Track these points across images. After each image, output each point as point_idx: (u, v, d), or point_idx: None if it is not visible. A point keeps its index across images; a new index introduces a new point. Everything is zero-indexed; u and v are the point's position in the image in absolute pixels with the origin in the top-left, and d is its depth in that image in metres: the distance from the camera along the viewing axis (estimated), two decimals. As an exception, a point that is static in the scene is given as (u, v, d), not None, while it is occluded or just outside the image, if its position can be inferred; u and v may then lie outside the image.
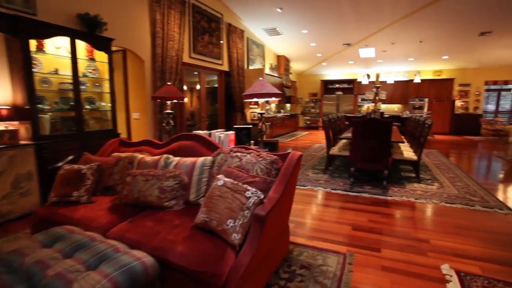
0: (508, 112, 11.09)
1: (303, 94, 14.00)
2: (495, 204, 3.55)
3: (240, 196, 1.75)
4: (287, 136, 10.59)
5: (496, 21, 7.32)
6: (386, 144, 3.70)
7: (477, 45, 8.90)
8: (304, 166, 5.54)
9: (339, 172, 5.03)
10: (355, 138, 3.87)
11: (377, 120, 3.58)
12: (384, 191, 3.93)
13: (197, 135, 2.59)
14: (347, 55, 10.63)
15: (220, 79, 7.92)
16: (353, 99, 12.73)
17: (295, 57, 11.51)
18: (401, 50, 9.73)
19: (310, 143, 8.85)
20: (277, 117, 10.26)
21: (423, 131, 4.34)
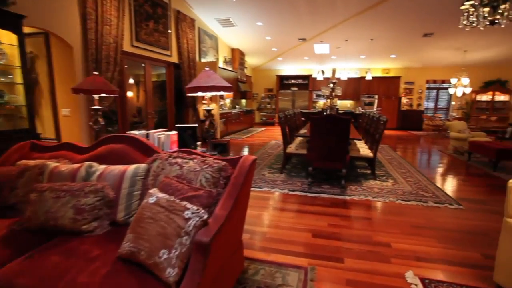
0: (445, 109, 12.13)
1: (259, 90, 13.80)
2: (444, 199, 3.62)
3: (177, 218, 1.35)
4: (242, 133, 10.27)
5: (438, 24, 7.79)
6: (344, 142, 3.56)
7: (421, 46, 9.46)
8: (260, 165, 5.26)
9: (296, 171, 4.84)
10: (313, 136, 3.67)
11: (336, 117, 3.41)
12: (343, 191, 3.81)
13: (130, 137, 2.11)
14: (303, 50, 10.62)
15: (168, 72, 7.28)
16: (308, 95, 12.86)
17: (250, 51, 11.19)
18: (354, 47, 9.97)
19: (266, 140, 8.64)
20: (232, 113, 9.88)
21: (378, 127, 4.32)
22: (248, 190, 1.85)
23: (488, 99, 11.19)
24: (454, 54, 10.06)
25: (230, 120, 9.72)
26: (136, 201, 1.77)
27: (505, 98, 11.08)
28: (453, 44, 9.25)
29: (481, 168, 5.27)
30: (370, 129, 5.02)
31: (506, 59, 10.30)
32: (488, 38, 8.68)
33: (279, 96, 13.11)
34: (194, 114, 8.12)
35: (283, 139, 4.64)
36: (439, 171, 5.20)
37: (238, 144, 7.84)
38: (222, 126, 8.99)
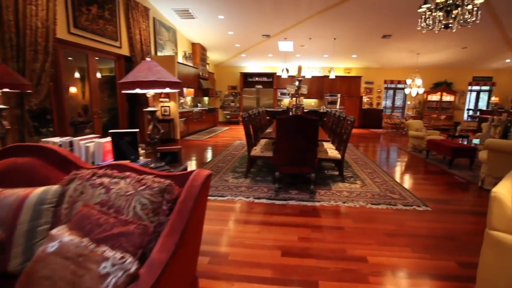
0: (401, 108, 12.70)
1: (222, 87, 13.30)
2: (412, 200, 3.53)
3: (88, 275, 0.90)
4: (205, 133, 9.74)
5: (395, 26, 7.98)
6: (313, 144, 3.29)
7: (380, 47, 9.70)
8: (223, 169, 4.85)
9: (262, 175, 4.51)
10: (279, 138, 3.35)
11: (303, 117, 3.13)
12: (312, 196, 3.54)
13: (42, 147, 1.58)
14: (267, 47, 10.35)
15: (118, 65, 6.52)
16: (273, 93, 12.67)
17: (212, 46, 10.66)
18: (317, 46, 9.92)
19: (230, 140, 8.22)
20: (194, 112, 9.29)
21: (346, 127, 4.14)
22: (202, 216, 1.44)
23: (437, 99, 11.92)
24: (408, 56, 10.51)
25: (192, 120, 9.13)
26: (41, 240, 1.27)
27: (451, 99, 11.89)
28: (408, 47, 9.61)
29: (438, 166, 5.40)
30: (337, 129, 4.86)
31: (452, 62, 11.02)
32: (437, 43, 9.14)
33: (243, 94, 12.74)
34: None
35: (247, 141, 4.28)
36: (402, 170, 5.22)
37: (199, 146, 7.32)
38: (183, 126, 8.38)
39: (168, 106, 7.71)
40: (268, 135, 4.10)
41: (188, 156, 6.00)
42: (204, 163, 5.31)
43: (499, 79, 11.87)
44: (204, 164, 5.26)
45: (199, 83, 10.30)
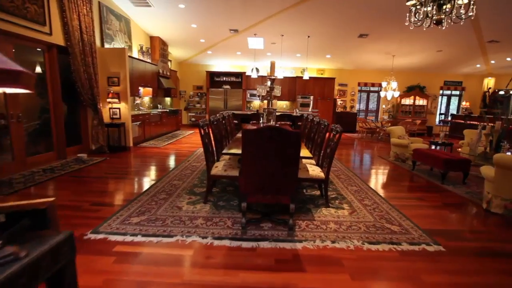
0: (374, 111, 12.40)
1: (187, 87, 12.13)
2: (417, 234, 2.77)
3: None
4: (165, 138, 8.55)
5: (373, 25, 7.43)
6: (293, 166, 2.40)
7: (355, 47, 9.18)
8: (178, 190, 3.82)
9: (226, 198, 3.55)
10: (247, 158, 2.42)
11: (281, 130, 2.23)
12: (291, 233, 2.66)
13: None
14: (235, 44, 9.41)
15: (49, 57, 5.23)
16: (242, 94, 11.75)
17: (174, 41, 9.49)
18: (289, 44, 9.17)
19: (193, 147, 7.15)
20: (151, 115, 8.08)
21: (332, 139, 3.32)
22: None
23: (410, 102, 11.75)
24: (384, 58, 10.14)
25: (149, 123, 7.92)
26: None
27: (424, 103, 11.79)
28: (384, 48, 9.19)
29: (428, 180, 4.80)
30: (317, 138, 4.04)
31: (425, 66, 10.87)
32: (413, 45, 8.81)
33: (210, 94, 11.67)
34: (95, 117, 6.16)
35: (206, 156, 3.29)
36: (390, 186, 4.53)
37: (154, 155, 6.17)
38: (137, 131, 7.16)
39: (118, 108, 6.47)
40: (231, 150, 3.14)
41: (136, 170, 4.87)
42: (154, 181, 4.23)
43: (469, 84, 11.98)
44: (153, 182, 4.19)
45: (159, 82, 9.09)
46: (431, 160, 4.81)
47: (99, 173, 4.63)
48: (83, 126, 6.31)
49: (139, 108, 8.21)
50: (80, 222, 2.84)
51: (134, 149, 6.73)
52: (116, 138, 6.54)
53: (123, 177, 4.47)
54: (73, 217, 2.95)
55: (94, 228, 2.68)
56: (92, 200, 3.43)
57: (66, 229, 1.21)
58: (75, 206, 3.24)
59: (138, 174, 4.67)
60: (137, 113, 7.37)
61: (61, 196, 3.58)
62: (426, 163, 4.99)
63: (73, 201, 3.40)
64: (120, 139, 6.57)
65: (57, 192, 3.75)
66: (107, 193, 3.74)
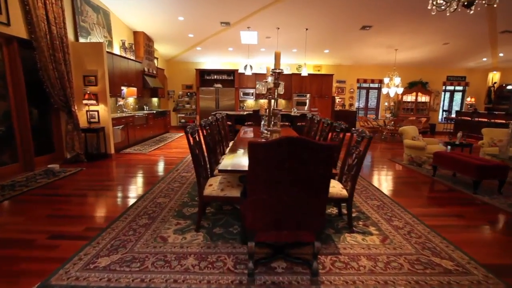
0: (374, 109, 11.82)
1: (175, 86, 11.32)
2: (480, 275, 2.12)
3: None
4: (152, 142, 7.75)
5: (378, 16, 6.81)
6: (322, 192, 1.69)
7: (356, 41, 8.54)
8: (165, 210, 3.08)
9: (223, 222, 2.84)
10: (256, 182, 1.68)
11: (307, 143, 1.50)
12: (315, 280, 1.95)
13: None
14: (226, 39, 8.66)
15: (9, 52, 4.42)
16: (235, 93, 11.00)
17: (160, 36, 8.68)
18: (285, 38, 8.47)
19: (182, 153, 6.39)
20: (136, 117, 7.28)
21: (353, 145, 2.64)
22: None
23: (412, 99, 11.21)
24: (385, 53, 9.54)
25: (134, 126, 7.11)
26: None
27: (426, 99, 11.27)
28: (386, 41, 8.59)
29: (457, 189, 4.14)
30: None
31: (428, 60, 10.33)
32: (418, 38, 8.23)
33: (200, 94, 10.89)
34: (69, 121, 5.35)
35: (196, 171, 2.56)
36: (416, 198, 3.84)
37: (138, 163, 5.40)
38: (120, 135, 6.36)
39: (96, 110, 5.67)
40: (229, 164, 2.42)
41: (116, 184, 4.09)
42: (135, 198, 3.47)
43: (472, 79, 11.50)
44: (134, 201, 3.43)
45: (144, 81, 8.28)
46: (458, 165, 4.17)
47: (70, 189, 3.84)
48: (56, 132, 5.49)
49: (122, 110, 7.40)
50: (27, 268, 2.08)
51: (116, 156, 5.93)
52: (94, 145, 5.74)
53: (98, 194, 3.69)
54: (18, 260, 2.19)
55: (43, 280, 1.93)
56: (50, 231, 2.67)
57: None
58: (26, 241, 2.47)
59: (117, 189, 3.90)
60: (120, 115, 6.57)
61: (11, 225, 2.80)
62: (452, 169, 4.35)
63: (25, 233, 2.63)
64: (100, 145, 5.76)
65: (7, 219, 2.96)
66: (73, 218, 2.97)
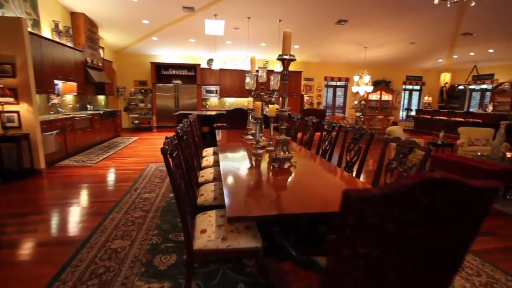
0: (341, 108, 11.67)
1: (126, 82, 9.80)
2: None
3: None
4: (100, 149, 6.36)
5: (354, 10, 6.39)
6: (452, 271, 0.92)
7: (329, 36, 8.10)
8: (124, 264, 2.05)
9: (221, 281, 1.94)
10: (344, 259, 0.85)
11: (458, 184, 0.74)
12: None
13: None
14: (188, 28, 7.56)
15: None
16: (197, 90, 9.89)
17: (106, 21, 7.22)
18: (255, 30, 7.67)
19: (140, 163, 5.21)
20: (77, 119, 5.84)
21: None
22: None
23: (377, 98, 11.27)
24: (354, 50, 9.31)
25: (73, 131, 5.68)
26: None
27: (389, 98, 11.43)
28: (358, 38, 8.30)
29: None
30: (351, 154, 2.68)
31: (392, 60, 10.42)
32: (388, 35, 8.09)
33: (156, 91, 9.55)
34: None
35: (179, 206, 1.62)
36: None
37: (78, 182, 4.13)
38: (54, 143, 4.93)
39: (16, 111, 4.23)
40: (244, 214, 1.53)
41: (41, 219, 2.88)
42: (71, 248, 2.37)
43: (428, 79, 11.98)
44: (71, 254, 2.33)
45: (87, 75, 6.80)
46: (462, 170, 3.81)
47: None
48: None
49: (57, 111, 5.90)
50: None
51: (48, 172, 4.54)
52: (14, 158, 4.28)
53: (10, 242, 2.47)
54: None
55: None
56: None
57: None
58: None
59: (43, 229, 2.70)
60: (54, 117, 5.13)
61: None
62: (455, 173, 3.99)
63: None
64: (22, 158, 4.31)
65: None
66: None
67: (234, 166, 2.25)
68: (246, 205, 1.46)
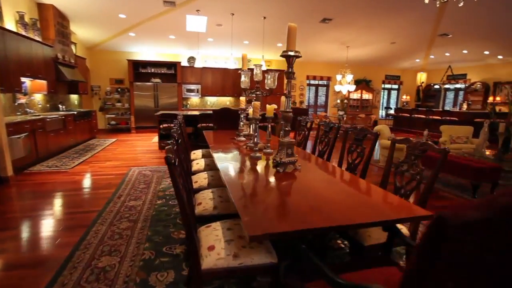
0: (323, 106, 11.74)
1: (102, 81, 9.24)
2: None
3: None
4: (75, 153, 5.89)
5: (340, 8, 6.37)
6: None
7: (314, 34, 8.06)
8: (110, 276, 1.82)
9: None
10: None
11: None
12: None
13: None
14: (168, 23, 7.22)
15: None
16: (177, 89, 9.52)
17: (79, 15, 6.71)
18: (239, 27, 7.47)
19: (121, 166, 4.86)
20: (48, 120, 5.36)
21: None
22: None
23: (358, 97, 11.46)
24: (336, 49, 9.36)
25: (44, 133, 5.20)
26: None
27: (369, 97, 11.66)
28: (342, 37, 8.35)
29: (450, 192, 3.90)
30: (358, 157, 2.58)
31: (373, 59, 10.61)
32: (371, 35, 8.19)
33: (134, 90, 9.08)
34: None
35: (187, 224, 1.42)
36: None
37: (52, 190, 3.75)
38: (23, 147, 4.47)
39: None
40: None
41: (9, 235, 2.54)
42: (47, 271, 2.08)
43: (406, 78, 12.35)
44: (49, 279, 2.04)
45: (58, 72, 6.28)
46: (452, 168, 3.86)
47: None
48: None
49: (24, 111, 5.38)
50: None
51: (16, 180, 4.09)
52: (-22, 165, 3.81)
53: (-19, 260, 2.14)
54: None
55: None
56: None
57: None
58: None
59: (8, 257, 2.37)
60: (22, 119, 4.66)
61: None
62: (447, 171, 4.05)
63: None
64: None
65: None
66: None
67: (236, 173, 2.06)
68: (266, 219, 1.29)
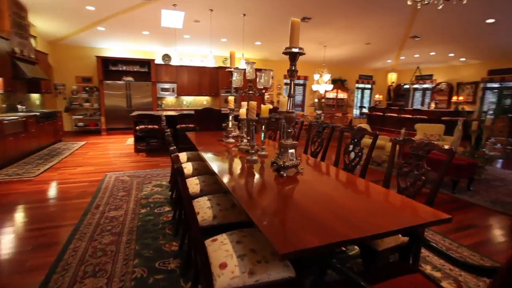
0: (300, 105, 11.82)
1: (67, 79, 8.54)
2: None
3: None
4: (39, 158, 5.35)
5: (319, 8, 6.39)
6: None
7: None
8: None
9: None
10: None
11: None
12: None
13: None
14: (142, 18, 6.81)
15: None
16: (151, 88, 9.07)
17: (38, 4, 6.10)
18: (218, 24, 7.24)
19: (95, 173, 4.46)
20: (6, 122, 4.79)
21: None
22: None
23: (334, 96, 11.67)
24: (314, 49, 9.44)
25: (3, 137, 4.64)
26: None
27: (344, 96, 11.93)
28: (320, 37, 8.42)
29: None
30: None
31: (348, 59, 10.84)
32: (348, 35, 8.35)
33: (104, 89, 8.49)
34: None
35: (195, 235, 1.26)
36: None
37: (13, 204, 3.33)
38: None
39: None
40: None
41: (-22, 256, 2.18)
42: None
43: (378, 78, 12.79)
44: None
45: (16, 69, 5.67)
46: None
47: None
48: None
49: (-22, 112, 4.77)
50: None
51: (-29, 190, 3.59)
52: None
53: None
54: None
55: None
56: None
57: None
58: None
59: (-18, 269, 2.03)
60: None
61: None
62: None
63: None
64: None
65: None
66: None
67: (239, 180, 1.91)
68: (291, 233, 1.15)
